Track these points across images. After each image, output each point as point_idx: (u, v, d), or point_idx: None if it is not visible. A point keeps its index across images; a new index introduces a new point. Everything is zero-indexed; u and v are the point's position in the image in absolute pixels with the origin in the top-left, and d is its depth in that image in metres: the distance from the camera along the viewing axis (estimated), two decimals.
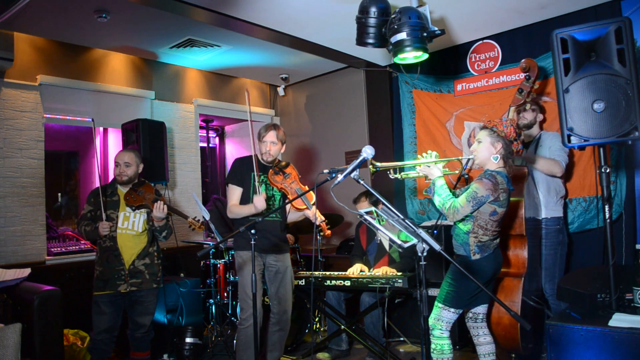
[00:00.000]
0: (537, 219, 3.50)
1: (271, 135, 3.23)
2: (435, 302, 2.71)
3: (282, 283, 3.28)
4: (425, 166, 2.77)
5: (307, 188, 3.27)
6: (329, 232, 3.28)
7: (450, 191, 2.70)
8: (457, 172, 3.05)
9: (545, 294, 3.45)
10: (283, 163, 3.38)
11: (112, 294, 3.18)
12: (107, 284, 3.17)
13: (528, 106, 3.56)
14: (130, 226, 3.27)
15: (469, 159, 2.84)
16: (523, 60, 3.31)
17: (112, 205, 3.26)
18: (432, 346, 2.64)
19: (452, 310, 2.64)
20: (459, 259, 2.71)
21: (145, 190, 3.33)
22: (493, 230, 2.63)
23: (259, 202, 3.06)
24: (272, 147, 3.24)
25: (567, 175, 3.70)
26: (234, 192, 3.27)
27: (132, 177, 3.33)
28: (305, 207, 3.19)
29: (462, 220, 2.65)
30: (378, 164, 2.89)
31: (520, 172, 3.27)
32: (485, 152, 2.68)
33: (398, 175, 2.96)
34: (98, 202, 3.24)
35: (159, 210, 3.22)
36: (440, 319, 2.65)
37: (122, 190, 3.33)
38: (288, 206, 3.36)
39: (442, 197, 2.63)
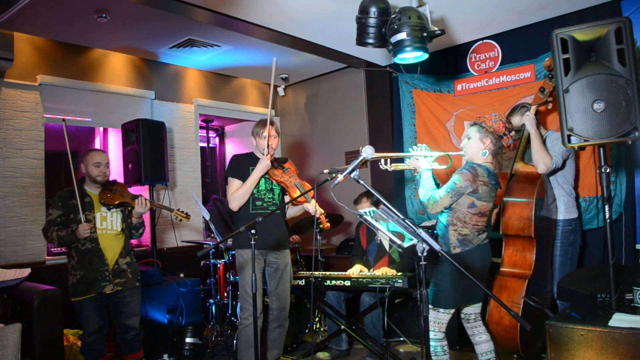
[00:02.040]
0: (551, 219, 3.43)
1: (271, 130, 3.30)
2: None
3: (281, 280, 3.29)
4: (414, 159, 2.78)
5: (305, 182, 3.30)
6: (328, 224, 3.30)
7: (436, 184, 2.71)
8: (446, 166, 2.99)
9: (555, 295, 3.42)
10: (282, 158, 3.42)
11: (96, 297, 3.11)
12: (90, 287, 3.08)
13: (518, 109, 3.52)
14: (110, 226, 3.22)
15: (452, 155, 2.85)
16: (547, 58, 3.25)
17: (86, 207, 3.15)
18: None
19: (442, 310, 2.63)
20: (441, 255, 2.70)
21: (120, 188, 3.29)
22: (473, 223, 2.61)
23: (267, 158, 3.16)
24: (273, 140, 3.29)
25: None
26: (235, 185, 3.27)
27: (109, 177, 3.29)
28: (304, 200, 3.22)
29: (442, 212, 2.66)
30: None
31: (534, 173, 3.26)
32: (474, 148, 2.68)
33: (388, 167, 2.95)
34: (69, 205, 3.13)
35: (142, 205, 3.20)
36: (432, 320, 2.63)
37: (92, 191, 3.24)
38: (287, 200, 3.38)
39: (425, 188, 2.66)
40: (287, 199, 3.38)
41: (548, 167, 3.23)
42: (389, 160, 2.91)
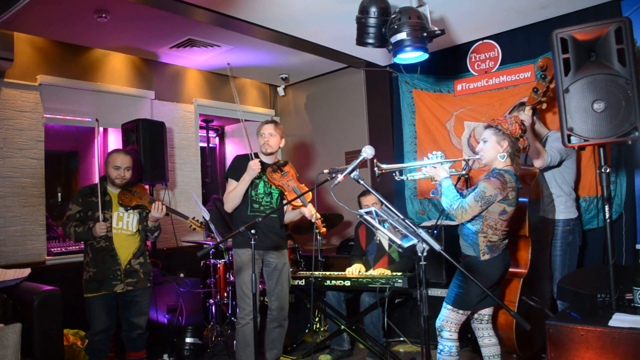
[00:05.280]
0: (549, 219, 3.42)
1: (269, 127, 3.27)
2: (443, 303, 2.68)
3: (279, 279, 3.29)
4: (432, 167, 2.72)
5: (304, 186, 3.28)
6: (324, 229, 3.29)
7: (458, 191, 2.66)
8: (462, 172, 3.02)
9: (554, 295, 3.42)
10: (281, 161, 3.39)
11: (107, 295, 3.15)
12: (102, 285, 3.14)
13: (516, 108, 3.52)
14: (125, 226, 3.26)
15: (469, 159, 2.82)
16: (540, 59, 3.24)
17: (104, 206, 3.21)
18: (440, 347, 2.62)
19: (461, 312, 2.61)
20: (467, 260, 2.67)
21: (140, 190, 3.33)
22: (502, 230, 2.59)
23: (255, 164, 3.11)
24: (270, 138, 3.26)
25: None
26: (231, 186, 3.28)
27: (129, 179, 3.33)
28: (301, 204, 3.20)
29: (471, 220, 2.60)
30: (383, 165, 2.85)
31: (529, 172, 3.25)
32: (492, 151, 2.63)
33: (404, 177, 2.94)
34: (89, 202, 3.20)
35: (158, 210, 3.22)
36: (448, 321, 2.62)
37: (113, 190, 3.29)
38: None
39: (449, 197, 2.59)
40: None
41: (544, 162, 3.24)
42: (404, 171, 2.90)
